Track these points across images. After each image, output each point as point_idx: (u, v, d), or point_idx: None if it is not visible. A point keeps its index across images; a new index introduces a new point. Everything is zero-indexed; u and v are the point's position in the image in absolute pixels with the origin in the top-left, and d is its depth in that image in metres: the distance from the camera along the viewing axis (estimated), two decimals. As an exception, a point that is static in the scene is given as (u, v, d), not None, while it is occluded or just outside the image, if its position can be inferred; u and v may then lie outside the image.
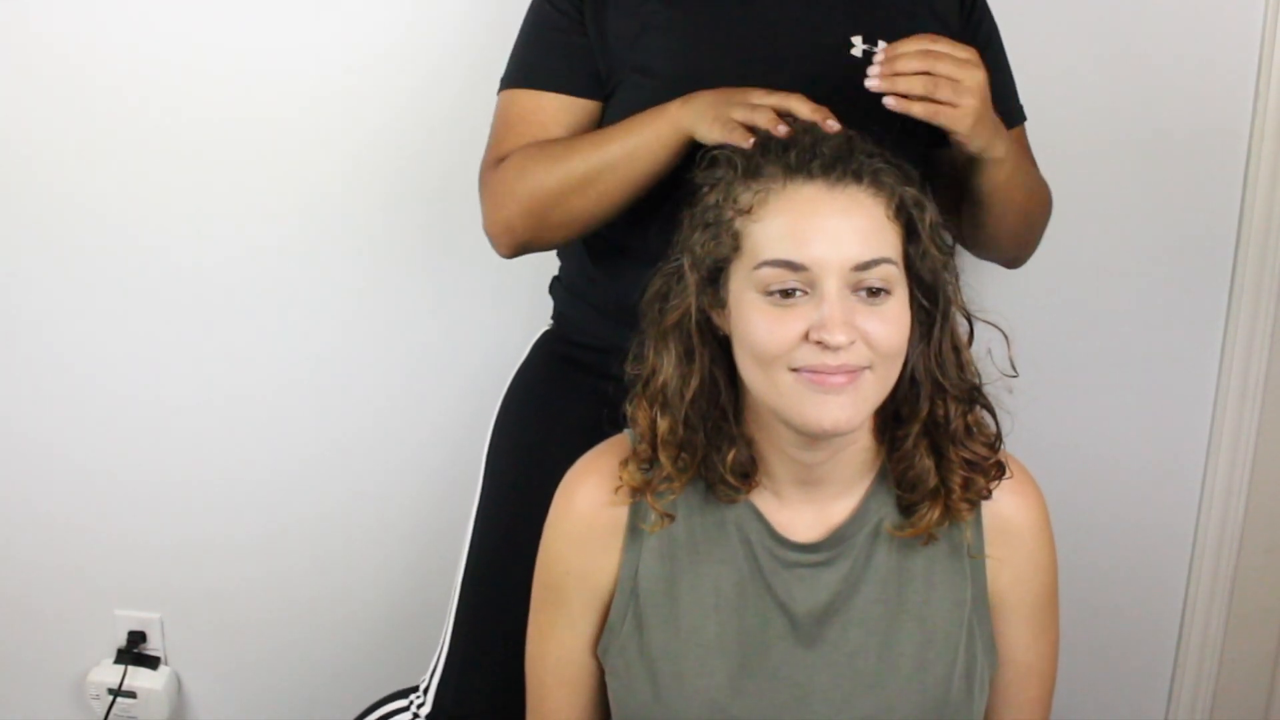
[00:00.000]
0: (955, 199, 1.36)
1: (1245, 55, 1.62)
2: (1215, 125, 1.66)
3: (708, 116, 1.22)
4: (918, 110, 1.17)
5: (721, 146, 1.14)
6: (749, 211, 1.05)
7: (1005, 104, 1.39)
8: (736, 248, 1.06)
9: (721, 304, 1.09)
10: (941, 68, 1.17)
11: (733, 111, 1.19)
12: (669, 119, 1.27)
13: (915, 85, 1.17)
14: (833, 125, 1.12)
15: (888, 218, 1.05)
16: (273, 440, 1.89)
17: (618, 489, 1.15)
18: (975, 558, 1.15)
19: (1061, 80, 1.64)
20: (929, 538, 1.14)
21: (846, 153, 1.05)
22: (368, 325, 1.83)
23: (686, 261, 1.09)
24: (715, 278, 1.08)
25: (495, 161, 1.38)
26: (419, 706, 1.46)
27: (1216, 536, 1.79)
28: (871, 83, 1.16)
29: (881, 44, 1.30)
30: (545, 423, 1.46)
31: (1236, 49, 1.62)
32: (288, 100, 1.74)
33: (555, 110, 1.37)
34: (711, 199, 1.08)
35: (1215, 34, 1.62)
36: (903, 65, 1.17)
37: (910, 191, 1.06)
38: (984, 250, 1.45)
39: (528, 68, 1.41)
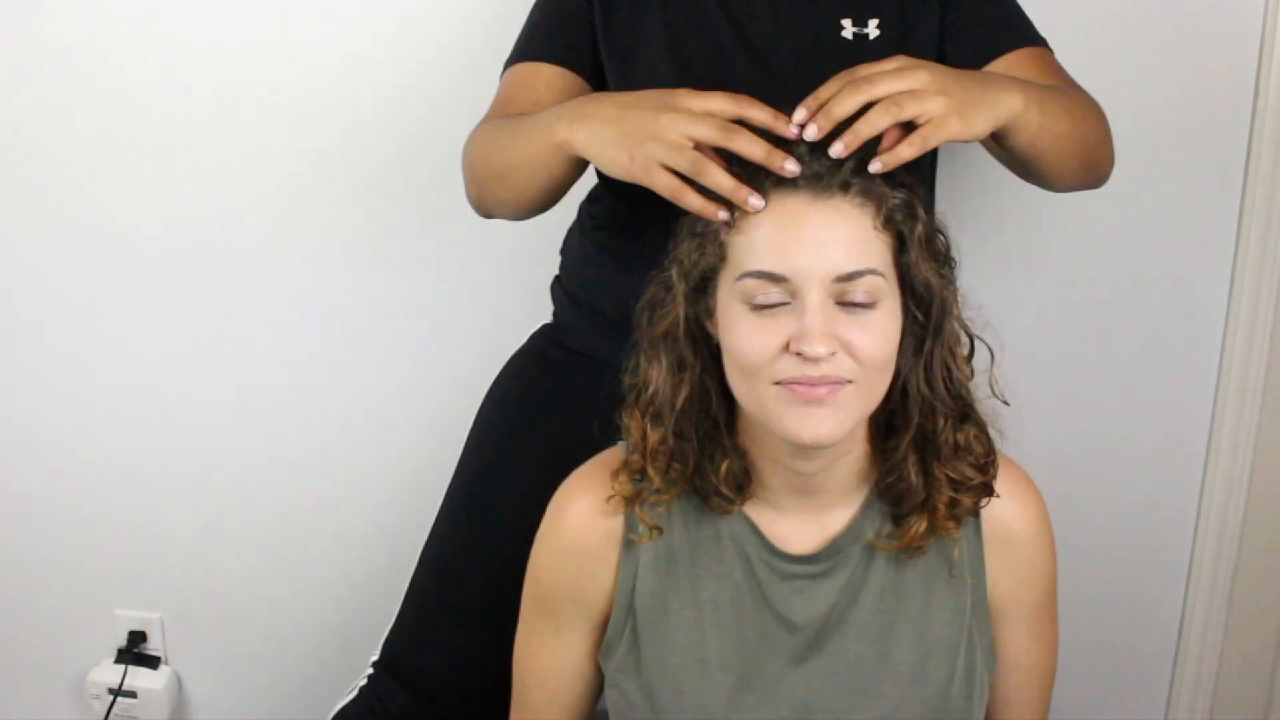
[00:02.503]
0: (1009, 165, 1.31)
1: (1245, 55, 1.62)
2: (1215, 124, 1.65)
3: (610, 148, 1.10)
4: (907, 152, 1.03)
5: None
6: (732, 222, 1.04)
7: (1008, 29, 1.36)
8: (722, 258, 1.05)
9: (712, 313, 1.08)
10: (880, 88, 1.04)
11: (649, 150, 1.07)
12: (557, 139, 1.16)
13: (878, 120, 1.03)
14: (792, 130, 1.03)
15: (875, 228, 1.02)
16: (274, 440, 1.89)
17: (609, 498, 1.14)
18: (956, 578, 1.14)
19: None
20: (916, 551, 1.12)
21: (833, 162, 1.02)
22: (369, 324, 1.83)
23: (675, 271, 1.08)
24: (705, 287, 1.07)
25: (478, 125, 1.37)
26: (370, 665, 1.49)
27: (1216, 536, 1.79)
28: (837, 149, 1.02)
29: (873, 21, 1.32)
30: (523, 418, 1.47)
31: (1237, 49, 1.62)
32: (284, 87, 1.74)
33: (551, 79, 1.36)
34: None
35: (1215, 33, 1.62)
36: (841, 109, 1.03)
37: (900, 199, 1.04)
38: (1056, 187, 1.32)
39: (531, 42, 1.41)
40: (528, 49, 1.40)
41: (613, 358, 1.37)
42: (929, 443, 1.09)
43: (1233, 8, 1.60)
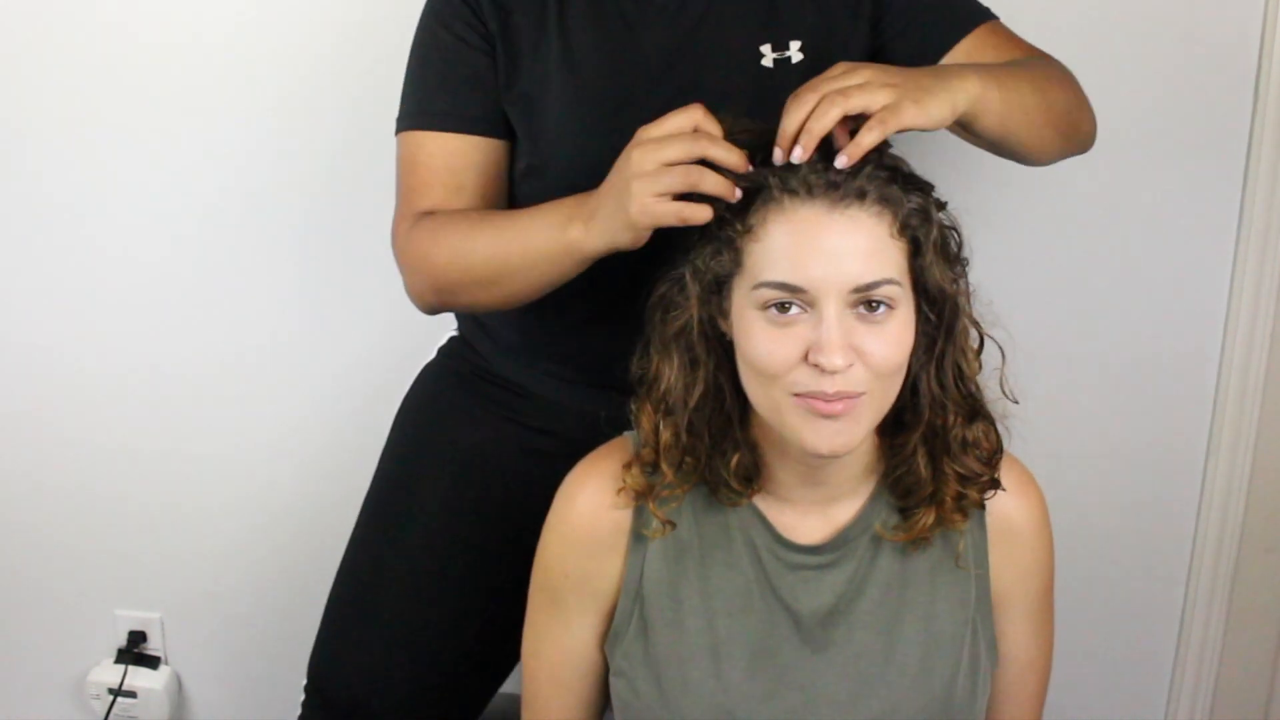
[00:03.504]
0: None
1: (1245, 55, 1.62)
2: (1215, 125, 1.65)
3: (616, 220, 1.10)
4: (868, 139, 1.02)
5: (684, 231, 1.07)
6: (750, 230, 1.03)
7: (957, 17, 1.33)
8: (738, 264, 1.04)
9: (726, 313, 1.08)
10: (825, 88, 1.04)
11: (635, 191, 1.06)
12: (573, 249, 1.15)
13: (828, 111, 1.02)
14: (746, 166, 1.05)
15: (891, 236, 1.02)
16: (274, 441, 1.89)
17: (620, 491, 1.14)
18: (964, 569, 1.15)
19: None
20: (922, 542, 1.13)
21: (851, 170, 1.02)
22: (371, 333, 1.84)
23: (688, 272, 1.08)
24: (719, 288, 1.07)
25: (407, 218, 1.32)
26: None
27: (1216, 536, 1.79)
28: (797, 154, 1.02)
29: (794, 44, 1.29)
30: (429, 432, 1.47)
31: (1237, 49, 1.62)
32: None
33: (466, 153, 1.31)
34: (715, 214, 1.06)
35: (1215, 33, 1.62)
36: (818, 125, 1.02)
37: (915, 204, 1.03)
38: (1044, 161, 1.31)
39: (429, 106, 1.33)
40: (431, 116, 1.32)
41: (512, 378, 1.40)
42: (938, 438, 1.10)
43: (1233, 7, 1.61)
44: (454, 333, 1.54)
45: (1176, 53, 1.63)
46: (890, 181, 1.03)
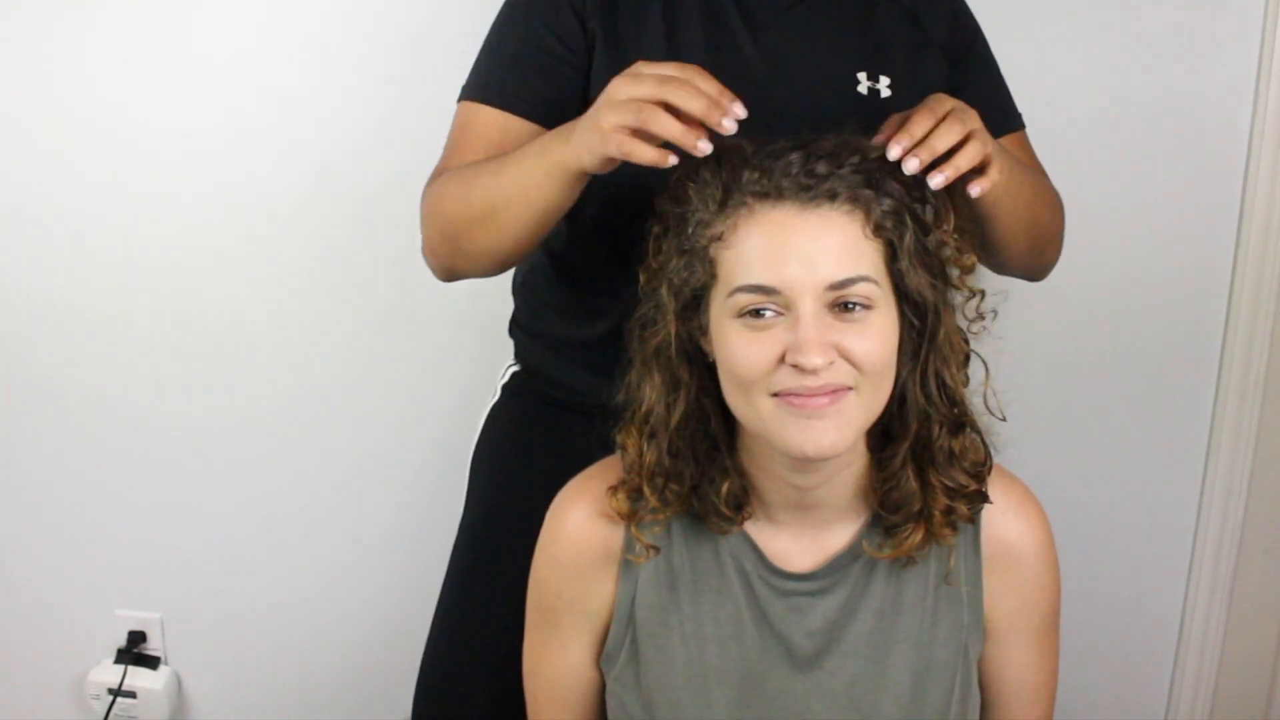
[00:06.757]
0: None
1: (1245, 55, 1.62)
2: (1215, 125, 1.65)
3: (586, 136, 1.10)
4: (966, 162, 1.07)
5: (660, 172, 1.06)
6: (721, 238, 1.02)
7: (1002, 111, 1.37)
8: (713, 275, 1.03)
9: (705, 330, 1.06)
10: (971, 123, 1.09)
11: (602, 117, 1.07)
12: (553, 157, 1.16)
13: (975, 154, 1.07)
14: (733, 119, 1.04)
15: (865, 235, 1.01)
16: (273, 443, 1.90)
17: (606, 514, 1.13)
18: (953, 585, 1.13)
19: (1061, 81, 1.64)
20: (910, 561, 1.12)
21: (818, 171, 1.01)
22: (364, 341, 1.84)
23: (664, 289, 1.06)
24: (697, 304, 1.06)
25: (438, 175, 1.31)
26: None
27: (1216, 536, 1.79)
28: (938, 180, 1.05)
29: (884, 79, 1.30)
30: (514, 477, 1.44)
31: (1236, 49, 1.62)
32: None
33: (517, 133, 1.29)
34: (687, 226, 1.05)
35: (1215, 34, 1.62)
36: (942, 144, 1.06)
37: (888, 207, 1.02)
38: (1002, 265, 1.34)
39: (497, 83, 1.31)
40: (501, 94, 1.31)
41: (578, 387, 1.36)
42: (925, 450, 1.08)
43: (1233, 8, 1.61)
44: (514, 366, 1.51)
45: (1177, 53, 1.63)
46: (863, 183, 1.02)
